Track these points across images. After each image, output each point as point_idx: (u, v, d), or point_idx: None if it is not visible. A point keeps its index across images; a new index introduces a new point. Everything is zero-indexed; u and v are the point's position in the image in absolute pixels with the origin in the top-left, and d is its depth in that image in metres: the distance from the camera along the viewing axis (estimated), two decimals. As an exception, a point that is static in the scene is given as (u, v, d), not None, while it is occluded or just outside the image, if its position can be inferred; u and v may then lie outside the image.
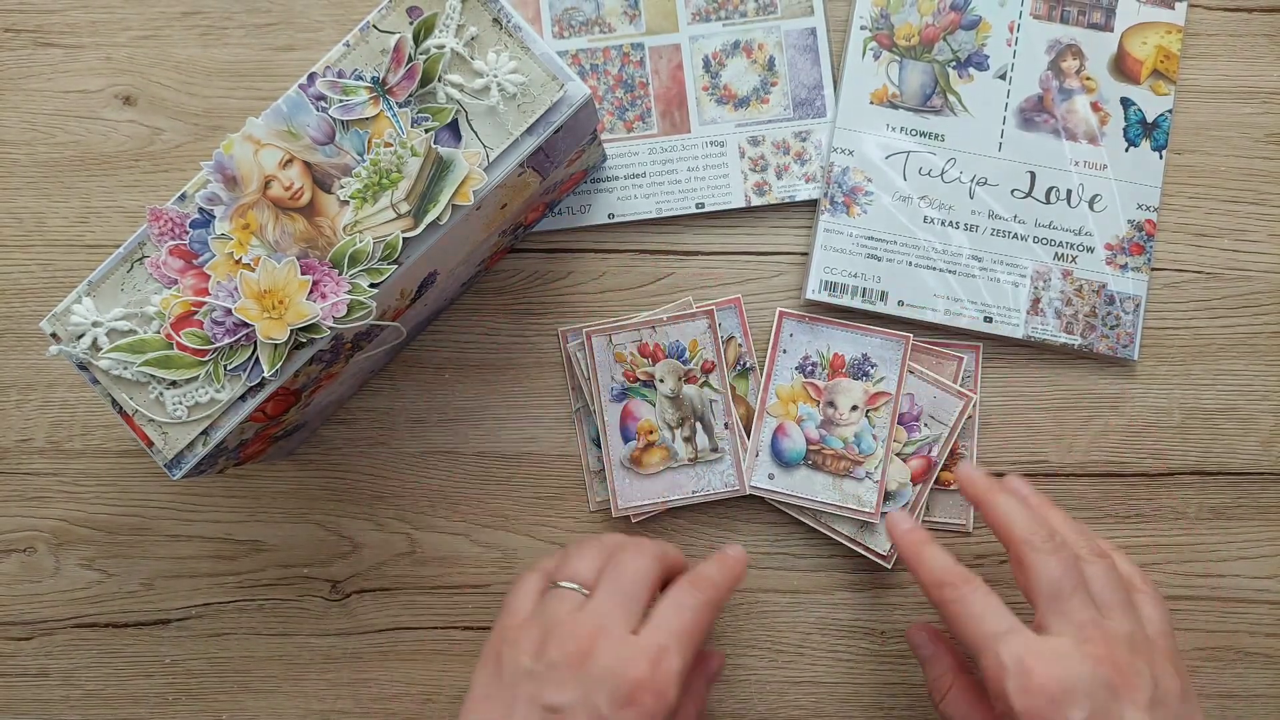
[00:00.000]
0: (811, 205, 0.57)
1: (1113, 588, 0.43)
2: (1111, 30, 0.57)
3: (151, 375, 0.42)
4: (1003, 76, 0.57)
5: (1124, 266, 0.56)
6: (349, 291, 0.42)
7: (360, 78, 0.43)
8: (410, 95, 0.43)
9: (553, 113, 0.44)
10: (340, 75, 0.43)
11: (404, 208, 0.42)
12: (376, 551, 0.57)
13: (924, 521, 0.56)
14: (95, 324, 0.42)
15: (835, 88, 0.57)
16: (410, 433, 0.57)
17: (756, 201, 0.57)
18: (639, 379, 0.55)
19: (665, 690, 0.40)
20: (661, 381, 0.55)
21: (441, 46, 0.43)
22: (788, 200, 0.57)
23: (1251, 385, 0.57)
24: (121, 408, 0.42)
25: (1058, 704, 0.39)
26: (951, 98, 0.57)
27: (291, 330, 0.41)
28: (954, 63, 0.57)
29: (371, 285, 0.42)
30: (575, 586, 0.44)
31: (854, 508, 0.55)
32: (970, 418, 0.56)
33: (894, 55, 0.57)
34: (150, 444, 0.42)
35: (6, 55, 0.57)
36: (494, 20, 0.44)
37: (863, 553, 0.55)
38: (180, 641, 0.56)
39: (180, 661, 0.56)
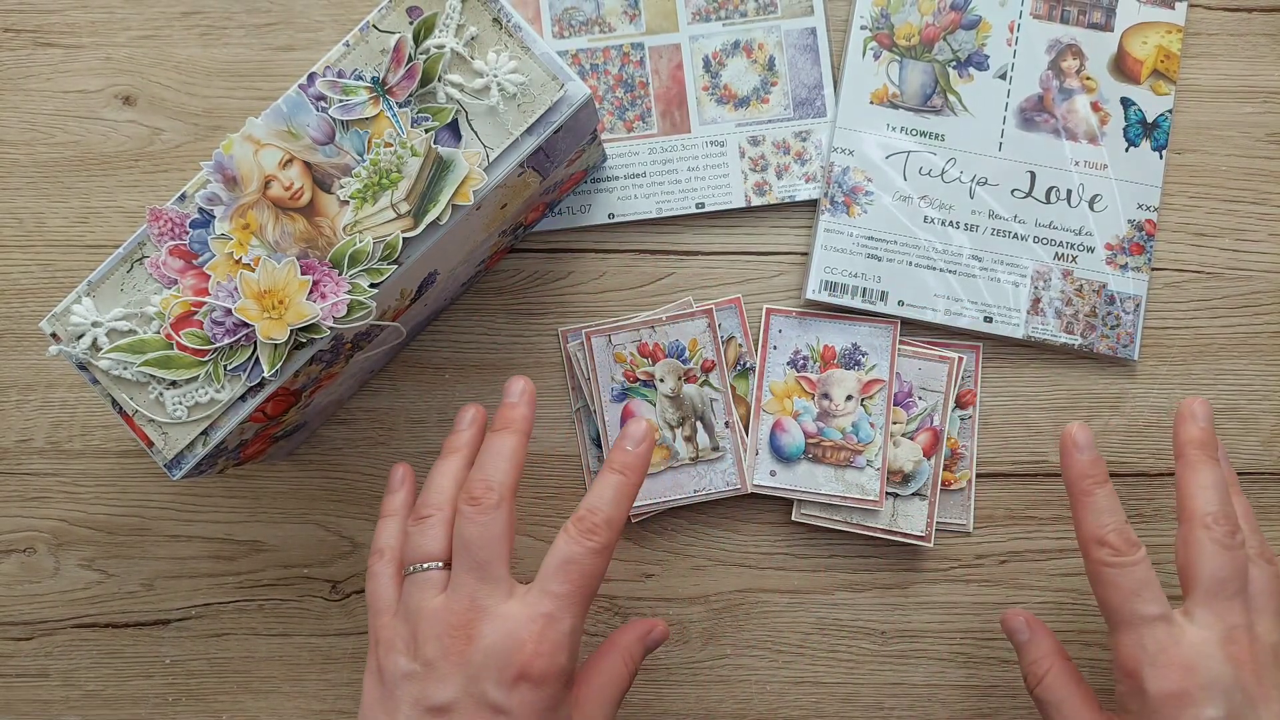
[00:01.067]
0: (811, 205, 0.57)
1: (1270, 594, 0.43)
2: (1111, 30, 0.57)
3: (151, 375, 0.42)
4: (1003, 76, 0.57)
5: (1124, 266, 0.56)
6: (349, 291, 0.42)
7: (360, 78, 0.43)
8: (410, 95, 0.43)
9: (553, 113, 0.44)
10: (340, 75, 0.43)
11: (404, 208, 0.42)
12: (376, 551, 0.57)
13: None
14: (95, 324, 0.42)
15: (835, 88, 0.57)
16: (410, 433, 0.57)
17: (756, 201, 0.57)
18: (639, 379, 0.55)
19: (555, 656, 0.38)
20: (661, 381, 0.55)
21: (441, 46, 0.43)
22: (788, 200, 0.57)
23: (1252, 385, 0.57)
24: (121, 408, 0.42)
25: (1192, 699, 0.39)
26: (951, 98, 0.57)
27: (291, 330, 0.41)
28: (954, 62, 0.57)
29: (371, 285, 0.42)
30: (431, 565, 0.42)
31: (858, 497, 0.55)
32: (972, 410, 0.56)
33: (894, 55, 0.57)
34: (150, 444, 0.42)
35: (6, 55, 0.57)
36: (494, 20, 0.44)
37: (901, 540, 0.55)
38: (180, 641, 0.56)
39: (180, 661, 0.56)
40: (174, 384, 0.42)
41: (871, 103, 0.57)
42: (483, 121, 0.43)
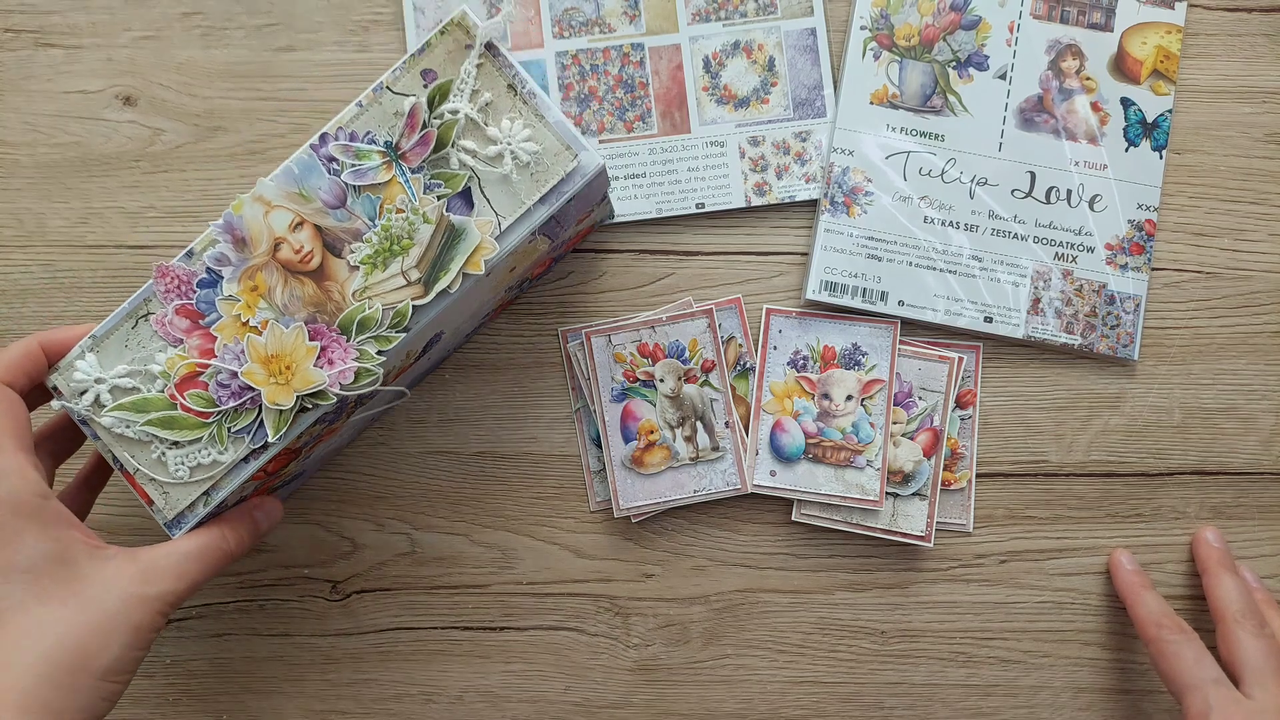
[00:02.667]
0: (811, 205, 0.57)
1: None
2: (1111, 30, 0.57)
3: (154, 435, 0.41)
4: (1003, 76, 0.57)
5: (1124, 266, 0.56)
6: (357, 358, 0.41)
7: (373, 141, 0.42)
8: (423, 161, 0.42)
9: (566, 183, 0.43)
10: (353, 138, 0.42)
11: (414, 275, 0.42)
12: (376, 551, 0.57)
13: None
14: (99, 380, 0.41)
15: (835, 88, 0.57)
16: (410, 433, 0.57)
17: (756, 202, 0.57)
18: (639, 379, 0.55)
19: None
20: (662, 381, 0.55)
21: (455, 112, 0.42)
22: (788, 200, 0.57)
23: (1251, 385, 0.57)
24: (123, 465, 0.42)
25: None
26: (951, 98, 0.57)
27: (298, 397, 0.41)
28: (954, 63, 0.57)
29: (379, 352, 0.42)
30: None
31: (858, 497, 0.55)
32: (972, 410, 0.56)
33: (894, 55, 0.57)
34: (151, 503, 0.42)
35: (7, 56, 0.57)
36: (509, 86, 0.43)
37: (901, 540, 0.55)
38: (180, 641, 0.56)
39: (180, 661, 0.56)
40: (176, 444, 0.42)
41: (871, 103, 0.57)
42: (495, 189, 0.43)
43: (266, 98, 0.57)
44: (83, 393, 0.42)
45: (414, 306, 0.42)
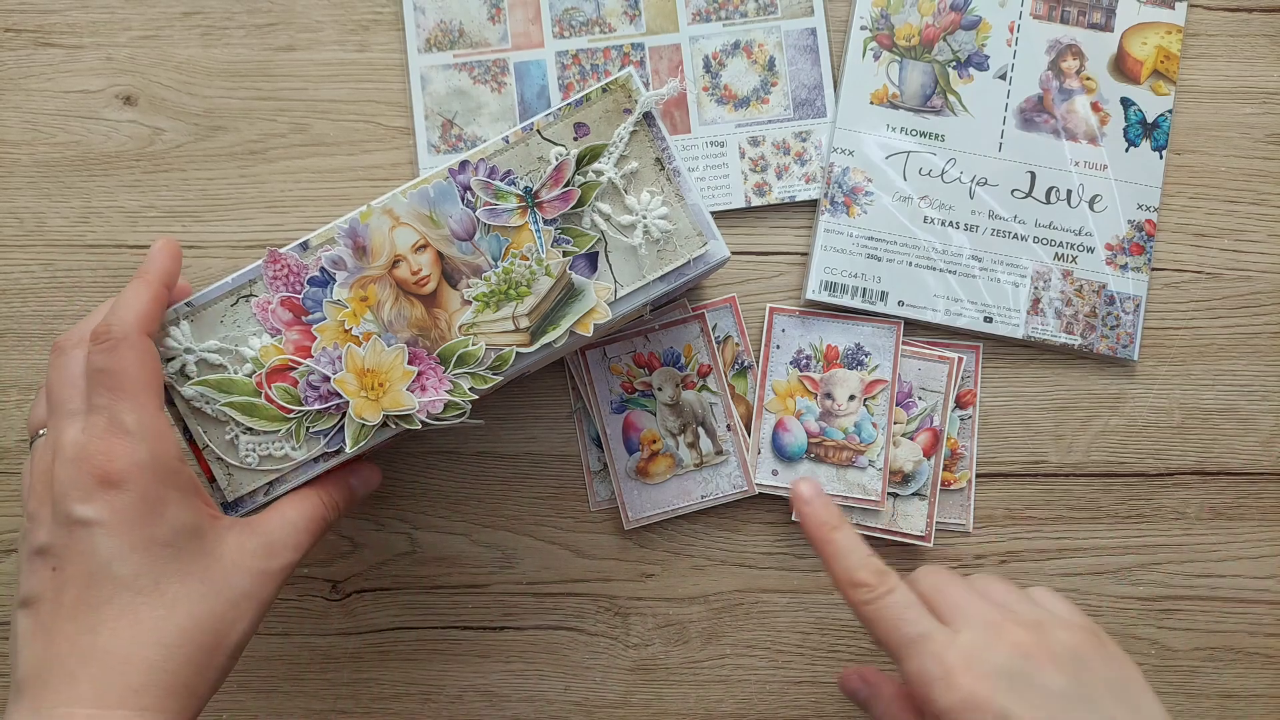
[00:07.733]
0: (811, 205, 0.57)
1: (1006, 588, 0.42)
2: (1111, 30, 0.57)
3: (232, 417, 0.41)
4: (1003, 76, 0.57)
5: (1124, 266, 0.56)
6: (449, 391, 0.41)
7: (513, 181, 0.42)
8: (558, 215, 0.43)
9: (689, 266, 0.43)
10: (493, 173, 0.42)
11: (524, 323, 0.42)
12: (376, 551, 0.57)
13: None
14: (188, 350, 0.41)
15: (835, 88, 0.57)
16: (410, 432, 0.57)
17: (756, 202, 0.57)
18: (637, 389, 0.55)
19: (133, 453, 0.36)
20: (659, 390, 0.55)
21: (601, 174, 0.43)
22: (788, 200, 0.57)
23: (1251, 385, 0.57)
24: (193, 438, 0.42)
25: (982, 697, 0.37)
26: (951, 98, 0.57)
27: (385, 416, 0.41)
28: (954, 63, 0.57)
29: (472, 389, 0.42)
30: (40, 433, 0.39)
31: (860, 497, 0.55)
32: (972, 410, 0.56)
33: (894, 55, 0.57)
34: (212, 480, 0.42)
35: (7, 55, 0.57)
36: (656, 160, 0.43)
37: (901, 540, 0.55)
38: (181, 641, 0.56)
39: (181, 661, 0.56)
40: (251, 430, 0.42)
41: (871, 103, 0.57)
42: (620, 256, 0.43)
43: (266, 97, 0.57)
44: (170, 359, 0.41)
45: (517, 353, 0.42)
